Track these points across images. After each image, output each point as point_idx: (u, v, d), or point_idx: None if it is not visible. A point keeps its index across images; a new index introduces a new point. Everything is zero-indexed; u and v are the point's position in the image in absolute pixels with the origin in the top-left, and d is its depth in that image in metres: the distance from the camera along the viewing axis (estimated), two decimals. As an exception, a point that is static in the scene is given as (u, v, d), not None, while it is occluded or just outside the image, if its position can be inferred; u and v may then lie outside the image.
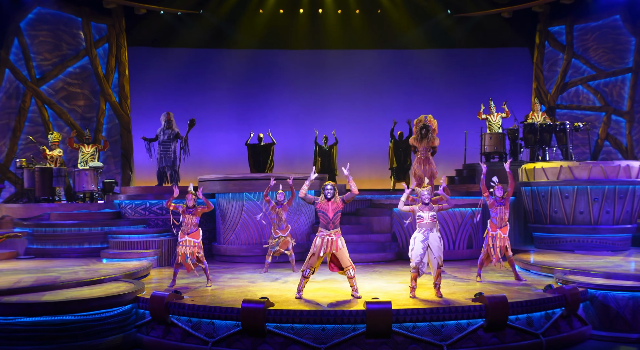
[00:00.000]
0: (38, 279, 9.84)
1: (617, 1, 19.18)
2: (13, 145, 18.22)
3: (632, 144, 19.41)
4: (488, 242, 10.19)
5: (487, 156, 16.70)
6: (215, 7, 19.88)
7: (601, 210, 13.08)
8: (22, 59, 18.48)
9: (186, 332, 8.34)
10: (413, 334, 7.79)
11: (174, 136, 15.04)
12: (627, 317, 8.99)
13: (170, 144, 15.02)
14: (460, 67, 20.95)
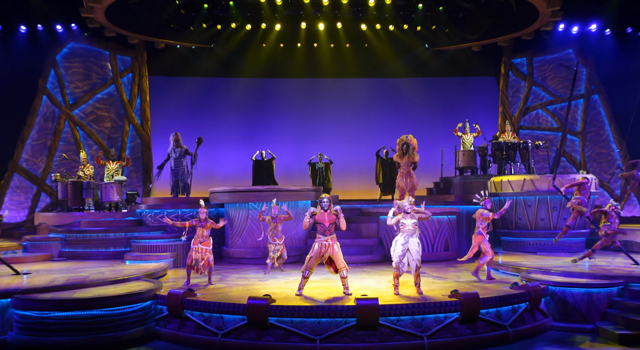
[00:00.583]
0: (69, 278, 9.78)
1: (570, 37, 19.32)
2: (49, 161, 18.20)
3: (585, 160, 19.49)
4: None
5: (461, 170, 16.73)
6: (224, 41, 19.92)
7: (559, 217, 13.12)
8: (57, 87, 18.50)
9: (199, 325, 8.30)
10: (397, 326, 7.76)
11: (184, 153, 15.01)
12: (583, 310, 8.98)
13: (182, 160, 14.99)
14: (436, 93, 21.04)
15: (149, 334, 8.63)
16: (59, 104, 18.41)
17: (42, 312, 8.20)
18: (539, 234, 13.23)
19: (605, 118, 19.53)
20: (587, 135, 19.63)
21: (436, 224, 13.31)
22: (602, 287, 9.06)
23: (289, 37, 20.14)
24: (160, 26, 18.66)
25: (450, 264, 12.43)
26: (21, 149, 17.98)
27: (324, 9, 18.41)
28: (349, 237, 13.63)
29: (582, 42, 19.31)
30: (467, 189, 15.79)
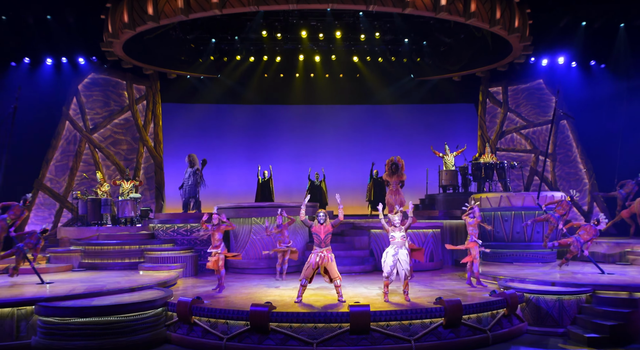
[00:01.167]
0: (88, 287, 9.72)
1: (540, 69, 19.51)
2: (71, 180, 18.16)
3: (555, 179, 19.56)
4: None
5: (444, 188, 16.76)
6: (230, 72, 20.03)
7: (533, 231, 13.13)
8: (79, 114, 18.52)
9: (206, 330, 8.24)
10: (387, 331, 7.72)
11: (195, 172, 15.02)
12: (555, 315, 8.97)
13: (194, 178, 14.99)
14: (421, 118, 21.15)
15: (160, 339, 8.56)
16: (80, 128, 18.43)
17: (63, 318, 8.14)
18: (515, 245, 13.23)
19: (573, 141, 19.64)
20: (557, 157, 19.73)
21: (422, 237, 13.31)
22: (572, 294, 9.06)
23: (288, 68, 20.27)
24: (172, 58, 18.78)
25: (435, 274, 12.41)
26: (46, 169, 17.94)
27: (319, 42, 18.56)
28: (342, 248, 13.60)
29: (550, 73, 19.51)
30: (450, 204, 15.81)
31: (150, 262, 12.89)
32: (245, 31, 17.77)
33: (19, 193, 17.30)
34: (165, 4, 13.90)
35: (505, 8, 14.91)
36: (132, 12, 14.37)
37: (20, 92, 11.56)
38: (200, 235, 13.56)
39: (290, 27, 17.50)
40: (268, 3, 13.50)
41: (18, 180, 17.29)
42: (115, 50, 16.23)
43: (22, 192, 17.28)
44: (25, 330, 8.43)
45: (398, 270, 8.83)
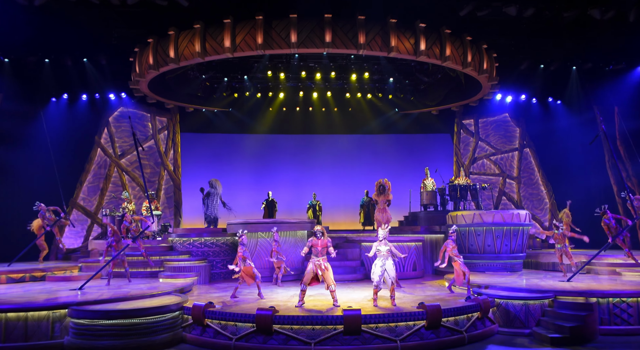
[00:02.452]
0: (115, 293, 9.63)
1: (506, 104, 19.68)
2: (101, 200, 18.08)
3: (521, 199, 19.58)
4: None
5: (425, 207, 16.75)
6: (240, 106, 20.13)
7: (502, 244, 13.09)
8: (109, 142, 18.54)
9: (217, 331, 8.16)
10: (376, 332, 7.66)
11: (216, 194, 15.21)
12: (522, 318, 8.93)
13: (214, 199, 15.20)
14: (404, 146, 21.21)
15: (177, 339, 8.47)
16: (110, 154, 18.43)
17: (92, 321, 8.06)
18: (487, 257, 13.17)
19: (535, 166, 19.73)
20: (522, 179, 19.78)
21: (406, 249, 13.26)
22: (536, 300, 9.03)
23: (290, 102, 20.39)
24: (190, 95, 18.88)
25: (418, 281, 12.34)
26: (80, 190, 17.88)
27: (317, 81, 18.73)
28: (337, 259, 13.51)
29: (515, 108, 19.70)
30: (430, 221, 15.80)
31: (169, 271, 12.78)
32: (253, 71, 17.93)
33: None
34: (184, 48, 14.04)
35: (475, 52, 15.12)
36: (156, 55, 14.50)
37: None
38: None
39: (292, 68, 17.67)
40: (273, 48, 13.65)
41: (56, 200, 17.25)
42: (141, 88, 16.33)
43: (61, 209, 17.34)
44: (59, 331, 8.33)
45: (385, 279, 8.79)
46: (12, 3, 12.89)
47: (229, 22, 13.48)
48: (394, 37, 13.68)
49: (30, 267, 12.86)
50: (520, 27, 15.54)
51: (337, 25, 13.49)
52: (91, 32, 15.24)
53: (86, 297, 9.01)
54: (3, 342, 8.06)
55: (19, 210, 15.67)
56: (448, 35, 14.32)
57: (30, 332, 8.17)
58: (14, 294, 9.52)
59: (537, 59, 17.47)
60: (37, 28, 14.38)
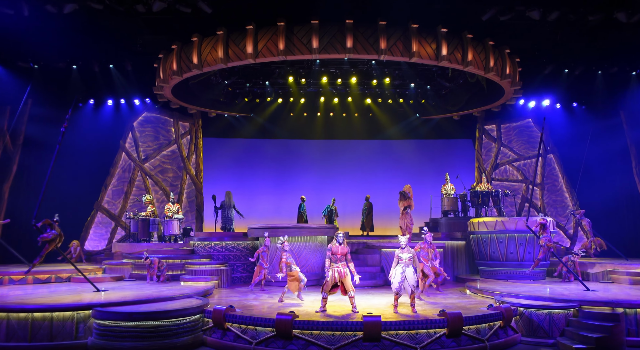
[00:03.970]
0: (137, 295, 9.74)
1: (529, 110, 19.38)
2: (125, 203, 18.36)
3: (544, 206, 19.20)
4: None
5: (446, 213, 16.57)
6: (261, 111, 20.24)
7: (525, 251, 12.86)
8: (133, 146, 18.83)
9: (237, 335, 8.17)
10: (396, 339, 7.57)
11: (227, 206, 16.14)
12: (545, 327, 8.73)
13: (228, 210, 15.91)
14: (425, 152, 21.03)
15: (197, 341, 8.51)
16: (134, 158, 18.72)
17: (115, 322, 8.16)
18: (509, 264, 12.96)
19: (559, 173, 19.35)
20: (545, 186, 19.41)
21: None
22: (561, 309, 8.81)
23: (310, 108, 20.41)
24: (212, 100, 19.08)
25: (438, 288, 12.15)
26: (104, 193, 18.20)
27: (338, 87, 18.73)
28: (356, 265, 13.28)
29: (537, 113, 19.37)
30: (451, 227, 15.62)
31: (190, 274, 12.88)
32: (274, 77, 18.02)
33: (83, 213, 17.69)
34: (207, 54, 14.20)
35: (497, 57, 14.94)
36: (180, 62, 14.70)
37: (67, 124, 11.78)
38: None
39: (312, 73, 17.71)
40: (294, 53, 13.71)
41: (82, 202, 17.62)
42: (165, 93, 16.56)
43: (86, 212, 17.71)
44: (83, 332, 8.45)
45: (405, 286, 8.70)
46: (42, 11, 13.22)
47: (251, 29, 13.60)
48: (416, 42, 13.61)
49: (56, 269, 13.12)
50: (544, 31, 15.29)
51: (358, 30, 13.48)
52: (117, 39, 15.54)
53: (110, 299, 9.14)
54: (29, 341, 8.22)
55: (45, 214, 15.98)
56: (470, 40, 14.18)
57: (55, 331, 8.32)
58: (40, 295, 9.72)
59: (562, 63, 17.16)
60: (65, 35, 14.72)
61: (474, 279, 12.82)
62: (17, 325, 8.25)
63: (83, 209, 17.73)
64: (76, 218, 17.41)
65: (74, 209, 17.13)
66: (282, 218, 18.34)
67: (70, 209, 16.82)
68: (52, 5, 13.00)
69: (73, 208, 17.10)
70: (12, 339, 8.22)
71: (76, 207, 17.36)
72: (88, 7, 13.12)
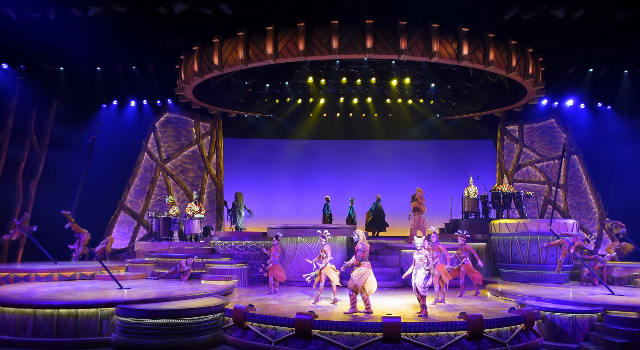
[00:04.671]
0: (159, 293, 9.86)
1: (552, 110, 19.07)
2: (147, 202, 18.64)
3: (567, 208, 18.87)
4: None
5: (466, 214, 16.39)
6: (281, 111, 20.32)
7: (547, 254, 12.64)
8: (155, 146, 19.10)
9: (257, 334, 8.22)
10: (416, 341, 7.52)
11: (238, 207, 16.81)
12: (569, 332, 8.58)
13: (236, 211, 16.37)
14: (446, 153, 20.87)
15: (217, 340, 8.59)
16: (156, 158, 18.98)
17: (137, 319, 8.28)
18: (531, 267, 12.75)
19: (583, 174, 18.99)
20: (569, 188, 19.07)
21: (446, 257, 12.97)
22: (585, 313, 8.65)
23: (330, 108, 20.43)
24: (233, 101, 19.23)
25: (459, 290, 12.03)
26: (127, 192, 18.51)
27: (357, 87, 18.71)
28: (376, 266, 13.31)
29: (561, 114, 19.05)
30: (471, 229, 15.42)
31: (210, 273, 13.00)
32: (294, 77, 18.09)
33: (106, 212, 18.03)
34: (228, 55, 14.33)
35: (520, 57, 14.73)
36: (201, 63, 14.86)
37: (98, 126, 12.10)
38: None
39: (332, 74, 17.72)
40: (314, 54, 13.74)
41: (106, 201, 17.96)
42: (186, 94, 16.77)
43: (110, 211, 18.03)
44: (107, 328, 8.60)
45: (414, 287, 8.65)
46: (67, 14, 13.52)
47: (272, 29, 13.67)
48: (436, 42, 13.51)
49: (81, 266, 13.39)
50: (568, 30, 15.03)
51: (378, 30, 13.45)
52: (140, 41, 15.80)
53: (132, 296, 9.28)
54: (55, 336, 8.41)
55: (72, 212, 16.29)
56: (492, 40, 14.02)
57: (79, 328, 8.49)
58: (65, 291, 9.92)
59: (586, 62, 16.84)
60: (90, 38, 15.03)
61: (495, 282, 12.66)
62: (43, 321, 8.44)
63: (107, 208, 18.07)
64: (100, 216, 17.77)
65: (98, 208, 17.48)
66: (301, 218, 18.39)
67: (94, 207, 17.16)
68: (77, 8, 13.29)
69: (97, 207, 17.44)
70: (39, 335, 8.42)
71: (100, 206, 17.70)
72: (111, 9, 13.38)
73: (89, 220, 16.82)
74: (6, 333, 8.55)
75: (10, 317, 8.56)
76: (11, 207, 16.44)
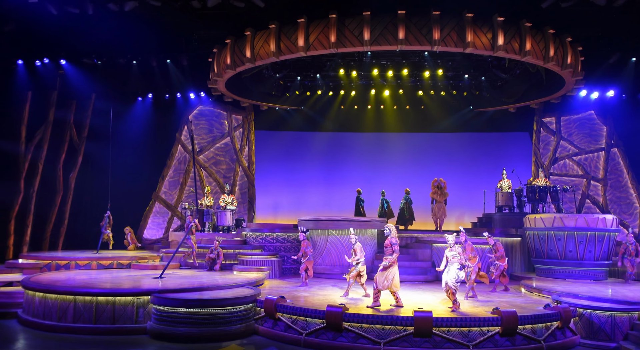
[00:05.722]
0: (192, 283, 10.06)
1: (591, 101, 18.38)
2: (180, 194, 18.99)
3: (607, 203, 18.24)
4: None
5: (500, 208, 16.05)
6: (312, 104, 20.28)
7: (585, 250, 12.26)
8: (188, 139, 19.39)
9: (288, 325, 8.30)
10: (448, 336, 7.45)
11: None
12: (607, 330, 8.32)
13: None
14: (479, 145, 20.38)
15: (249, 330, 8.72)
16: (189, 151, 19.27)
17: (172, 308, 8.48)
18: (567, 263, 12.39)
19: (623, 168, 18.28)
20: (608, 182, 18.41)
21: (480, 252, 12.76)
22: (625, 311, 8.36)
23: (361, 100, 20.26)
24: (264, 93, 19.32)
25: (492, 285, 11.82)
26: (161, 184, 18.90)
27: (389, 79, 18.49)
28: (407, 260, 13.31)
29: (602, 104, 18.36)
30: (505, 223, 15.14)
31: (242, 264, 13.17)
32: (325, 70, 18.02)
33: (141, 202, 18.49)
34: (260, 48, 14.37)
35: (558, 46, 14.24)
36: (233, 56, 14.96)
37: (192, 124, 12.74)
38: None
39: (363, 65, 17.56)
40: (345, 46, 13.62)
41: (142, 192, 18.42)
42: (219, 87, 16.93)
43: (145, 202, 18.50)
44: (143, 316, 8.84)
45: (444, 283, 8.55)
46: (104, 9, 13.82)
47: (303, 22, 13.63)
48: (470, 32, 13.19)
49: (118, 255, 13.78)
50: (609, 18, 14.42)
51: (410, 21, 13.22)
52: (174, 35, 16.03)
53: (167, 286, 9.49)
54: (94, 323, 8.70)
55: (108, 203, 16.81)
56: (528, 29, 13.58)
57: (117, 315, 8.75)
58: (103, 280, 10.24)
59: (628, 51, 16.12)
60: (126, 32, 15.34)
61: (529, 277, 12.38)
62: (83, 308, 8.74)
63: (142, 199, 18.52)
64: (136, 207, 18.22)
65: (134, 198, 17.93)
66: (332, 211, 18.36)
67: (131, 198, 17.62)
68: (114, 3, 13.55)
69: (134, 197, 17.90)
70: (79, 320, 8.72)
71: (136, 197, 18.15)
72: (147, 4, 13.58)
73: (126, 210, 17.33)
74: (49, 318, 8.90)
75: (52, 303, 8.90)
76: (52, 198, 17.04)
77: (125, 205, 17.49)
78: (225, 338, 8.31)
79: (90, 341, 8.18)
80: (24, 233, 16.19)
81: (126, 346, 7.96)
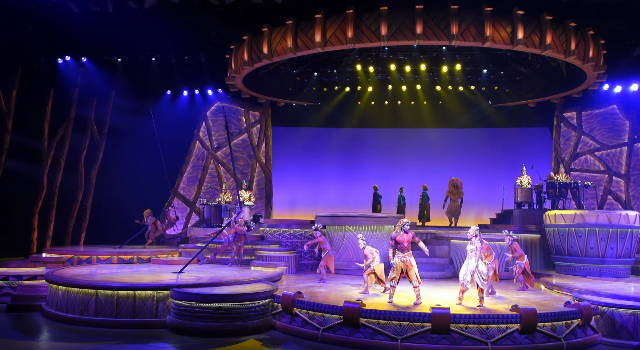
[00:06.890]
0: (211, 278, 10.14)
1: (614, 95, 17.98)
2: (199, 190, 19.17)
3: (629, 199, 17.86)
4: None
5: (519, 204, 15.83)
6: (329, 100, 20.24)
7: (607, 247, 12.04)
8: (207, 135, 19.56)
9: (305, 320, 8.32)
10: (466, 333, 7.40)
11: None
12: (630, 328, 8.17)
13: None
14: (498, 141, 20.14)
15: (267, 325, 8.77)
16: (207, 147, 19.44)
17: (190, 303, 8.57)
18: (588, 260, 12.19)
19: (648, 163, 17.90)
20: (631, 177, 18.02)
21: (498, 249, 12.63)
22: (648, 310, 8.18)
23: (378, 96, 20.17)
24: (281, 89, 19.34)
25: (511, 283, 11.69)
26: (180, 180, 19.09)
27: (406, 74, 18.32)
28: (424, 256, 13.16)
29: (624, 98, 17.95)
30: (524, 219, 14.93)
31: (260, 259, 13.25)
32: (342, 65, 17.95)
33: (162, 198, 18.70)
34: (277, 44, 14.38)
35: (580, 40, 13.95)
36: (250, 52, 15.00)
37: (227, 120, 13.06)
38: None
39: (381, 61, 17.44)
40: (363, 41, 13.54)
41: (161, 188, 18.62)
42: (236, 83, 17.00)
43: (164, 198, 18.70)
44: (162, 310, 8.96)
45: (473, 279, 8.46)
46: (124, 7, 13.96)
47: (320, 17, 13.59)
48: (489, 26, 12.99)
49: (138, 250, 13.98)
50: (633, 10, 14.07)
51: (428, 16, 13.08)
52: (192, 32, 16.13)
53: (186, 281, 9.60)
54: (115, 316, 8.84)
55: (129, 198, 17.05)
56: (549, 22, 13.33)
57: (137, 309, 8.89)
58: (124, 274, 10.40)
59: (653, 44, 15.74)
60: (145, 29, 15.48)
61: (549, 274, 12.21)
62: (104, 302, 8.89)
63: (162, 195, 18.73)
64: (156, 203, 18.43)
65: (154, 194, 18.14)
66: (349, 207, 18.35)
67: (150, 193, 17.83)
68: (134, 1, 13.68)
69: (153, 193, 18.11)
70: (100, 314, 8.88)
71: (157, 193, 18.37)
72: (166, 1, 13.68)
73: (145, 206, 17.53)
74: (71, 312, 9.08)
75: (74, 296, 9.08)
76: (74, 193, 17.35)
77: (144, 201, 17.70)
78: (243, 333, 8.38)
79: (111, 334, 8.32)
80: (47, 228, 16.52)
81: (146, 340, 8.08)
